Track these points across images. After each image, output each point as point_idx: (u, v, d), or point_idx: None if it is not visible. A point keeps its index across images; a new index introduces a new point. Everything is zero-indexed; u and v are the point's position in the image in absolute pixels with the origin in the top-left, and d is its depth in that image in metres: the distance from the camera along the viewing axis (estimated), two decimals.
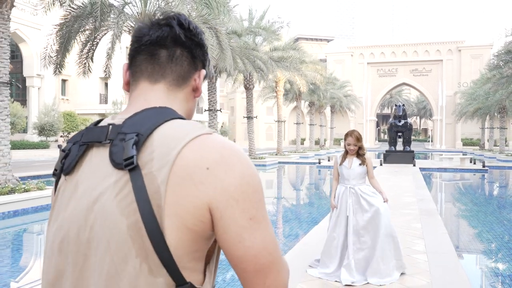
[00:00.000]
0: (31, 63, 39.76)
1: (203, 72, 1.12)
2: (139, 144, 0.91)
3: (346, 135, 5.26)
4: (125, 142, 0.92)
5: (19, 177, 12.95)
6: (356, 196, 5.06)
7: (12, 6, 11.38)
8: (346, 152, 5.25)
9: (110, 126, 0.97)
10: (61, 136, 38.97)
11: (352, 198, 5.07)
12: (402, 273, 5.12)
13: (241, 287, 3.61)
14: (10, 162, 11.43)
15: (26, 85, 40.57)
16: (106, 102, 45.54)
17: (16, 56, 43.82)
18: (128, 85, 1.08)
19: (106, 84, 46.48)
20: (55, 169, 1.03)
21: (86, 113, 44.27)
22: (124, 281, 0.88)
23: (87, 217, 0.93)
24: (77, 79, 33.43)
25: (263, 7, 29.92)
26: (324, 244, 5.26)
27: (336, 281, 4.92)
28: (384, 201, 5.10)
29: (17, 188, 10.85)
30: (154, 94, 1.04)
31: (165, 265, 0.88)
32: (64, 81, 44.93)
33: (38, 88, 40.38)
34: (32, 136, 37.72)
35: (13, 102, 32.23)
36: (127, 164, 0.89)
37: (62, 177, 1.01)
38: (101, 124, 1.00)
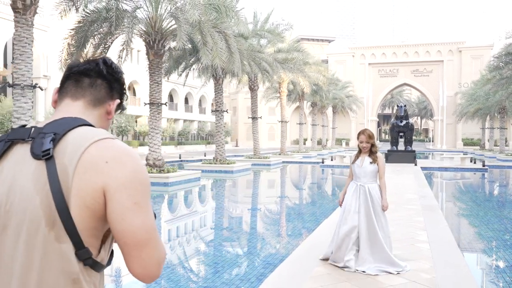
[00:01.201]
0: (38, 64, 40.24)
1: (117, 101, 1.38)
2: (55, 140, 1.16)
3: (359, 134, 5.48)
4: (44, 139, 1.16)
5: None
6: (365, 195, 5.27)
7: (35, 13, 11.95)
8: (359, 151, 5.49)
9: (33, 128, 1.22)
10: None
11: (362, 196, 5.29)
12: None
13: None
14: None
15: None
16: None
17: None
18: (55, 103, 1.35)
19: None
20: None
21: None
22: (36, 246, 1.12)
23: (8, 195, 1.16)
24: None
25: (265, 8, 30.54)
26: (333, 236, 5.55)
27: (345, 266, 5.23)
28: (383, 209, 5.34)
29: None
30: (74, 108, 1.30)
31: (69, 234, 1.12)
32: None
33: (45, 89, 40.95)
34: None
35: None
36: (44, 155, 1.14)
37: None
38: (26, 126, 1.25)
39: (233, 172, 22.65)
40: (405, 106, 27.71)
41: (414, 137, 52.67)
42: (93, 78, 1.32)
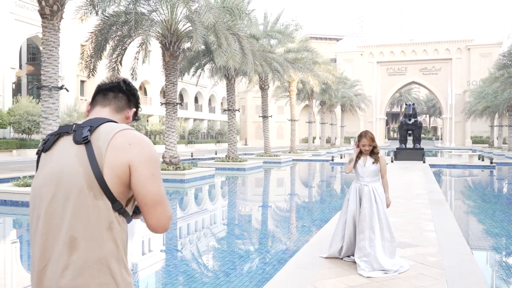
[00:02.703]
0: None
1: (134, 110, 1.90)
2: (91, 131, 1.65)
3: (360, 137, 5.47)
4: (83, 130, 1.65)
5: None
6: (369, 194, 5.32)
7: (62, 18, 12.60)
8: (361, 151, 5.50)
9: (74, 124, 1.70)
10: None
11: (366, 195, 5.33)
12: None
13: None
14: None
15: None
16: None
17: (35, 58, 45.32)
18: (88, 112, 1.84)
19: None
20: (38, 150, 1.76)
21: None
22: (81, 203, 1.59)
23: (58, 171, 1.63)
24: (95, 80, 34.71)
25: (274, 7, 31.09)
26: (333, 236, 5.67)
27: (347, 257, 5.48)
28: (386, 206, 5.45)
29: None
30: (103, 113, 1.80)
31: (105, 193, 1.59)
32: (82, 82, 46.32)
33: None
34: None
35: (38, 103, 33.56)
36: (84, 140, 1.62)
37: (42, 154, 1.72)
38: (69, 124, 1.75)
39: (245, 170, 23.25)
40: (413, 104, 28.14)
41: (422, 135, 52.99)
42: (116, 92, 1.84)
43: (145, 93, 52.28)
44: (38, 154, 1.76)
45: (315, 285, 4.69)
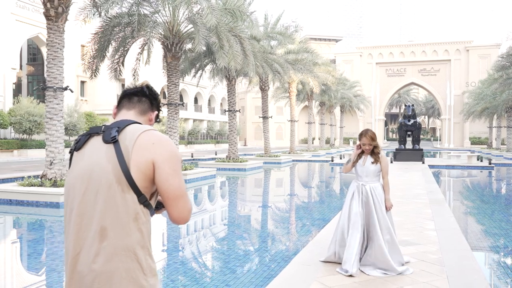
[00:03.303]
0: None
1: (155, 113, 2.05)
2: (118, 131, 1.80)
3: (361, 135, 5.34)
4: (111, 130, 1.81)
5: None
6: (367, 194, 5.21)
7: (66, 20, 12.75)
8: (362, 151, 5.38)
9: (103, 126, 1.87)
10: None
11: (363, 195, 5.23)
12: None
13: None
14: (64, 158, 12.83)
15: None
16: None
17: (36, 59, 45.45)
18: (115, 115, 2.00)
19: (123, 86, 47.97)
20: (71, 149, 1.94)
21: (105, 113, 45.72)
22: (110, 196, 1.75)
23: (89, 168, 1.80)
24: (95, 81, 34.78)
25: (272, 7, 31.28)
26: (332, 238, 5.52)
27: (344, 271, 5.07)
28: (386, 209, 5.26)
29: None
30: (129, 115, 1.96)
31: (131, 187, 1.75)
32: (82, 82, 46.46)
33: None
34: None
35: (38, 103, 33.68)
36: (112, 139, 1.78)
37: (75, 153, 1.90)
38: (99, 125, 1.92)
39: (246, 170, 23.41)
40: (412, 105, 28.34)
41: (421, 136, 53.23)
42: (139, 96, 2.01)
43: None
44: (71, 153, 1.93)
45: (321, 281, 4.85)
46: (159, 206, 1.95)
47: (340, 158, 30.33)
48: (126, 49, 18.77)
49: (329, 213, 10.94)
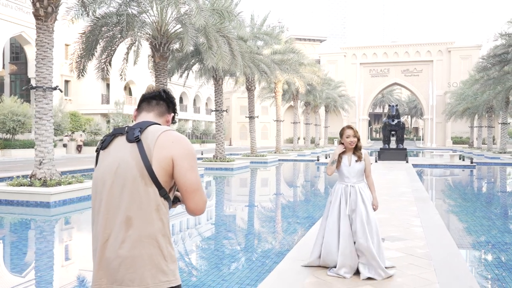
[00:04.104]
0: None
1: (172, 114, 2.24)
2: (141, 131, 1.98)
3: (343, 130, 5.13)
4: (134, 130, 1.99)
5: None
6: (355, 196, 4.97)
7: (56, 19, 12.75)
8: (343, 151, 5.12)
9: (126, 127, 2.05)
10: (66, 135, 40.02)
11: (352, 197, 4.97)
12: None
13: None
14: (54, 158, 12.84)
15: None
16: (108, 102, 46.69)
17: (18, 57, 44.88)
18: (135, 118, 2.18)
19: (108, 85, 47.68)
20: (97, 149, 2.12)
21: (89, 113, 45.43)
22: (135, 189, 1.93)
23: (116, 164, 1.98)
24: (79, 80, 34.33)
25: (256, 7, 31.49)
26: (315, 240, 5.28)
27: (330, 270, 5.01)
28: (373, 208, 5.08)
29: (62, 181, 12.31)
30: (148, 117, 2.13)
31: (153, 181, 1.94)
32: (67, 81, 46.05)
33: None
34: None
35: (22, 103, 33.34)
36: (136, 139, 1.97)
37: (101, 152, 2.09)
38: (122, 126, 2.11)
39: (233, 170, 23.57)
40: (396, 105, 28.81)
41: (404, 136, 54.05)
42: (157, 100, 2.19)
43: (130, 94, 52.17)
44: (97, 151, 2.12)
45: (315, 274, 5.05)
46: (175, 201, 2.13)
47: (326, 158, 30.68)
48: (113, 49, 18.75)
49: (320, 209, 11.18)
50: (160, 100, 2.20)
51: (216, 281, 5.59)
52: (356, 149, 5.08)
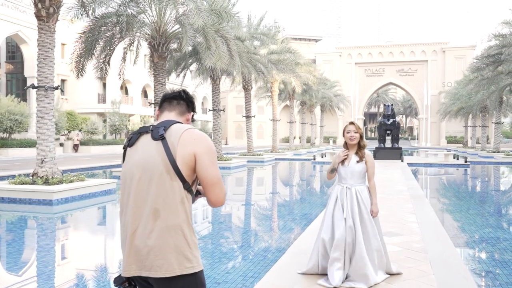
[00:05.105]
0: (32, 64, 40.62)
1: (192, 113, 2.39)
2: (165, 130, 2.15)
3: (345, 126, 4.82)
4: (159, 129, 2.16)
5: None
6: (351, 199, 4.62)
7: (57, 20, 12.92)
8: (345, 149, 4.81)
9: (151, 126, 2.21)
10: (62, 135, 40.07)
11: (348, 200, 4.62)
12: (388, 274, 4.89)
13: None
14: (55, 156, 13.01)
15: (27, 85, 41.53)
16: (104, 101, 46.74)
17: (14, 56, 44.83)
18: (158, 117, 2.35)
19: (104, 84, 47.72)
20: (124, 146, 2.29)
21: (86, 112, 45.43)
22: (161, 183, 2.10)
23: (143, 160, 2.15)
24: (76, 79, 34.29)
25: (252, 7, 31.75)
26: (313, 247, 4.98)
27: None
28: (372, 215, 4.66)
29: (63, 179, 12.48)
30: (170, 116, 2.30)
31: (178, 176, 2.10)
32: (63, 81, 46.07)
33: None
34: (35, 135, 38.74)
35: (19, 102, 33.38)
36: (160, 137, 2.13)
37: (128, 149, 2.25)
38: (147, 125, 2.26)
39: (230, 168, 23.77)
40: (392, 105, 29.10)
41: (399, 135, 54.40)
42: (178, 100, 2.36)
43: (126, 93, 52.20)
44: (124, 148, 2.30)
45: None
46: (196, 194, 2.29)
47: (322, 157, 30.96)
48: (112, 48, 18.89)
49: (320, 206, 11.43)
50: (180, 100, 2.36)
51: (220, 274, 5.81)
52: (359, 148, 4.72)
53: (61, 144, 39.35)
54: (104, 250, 7.87)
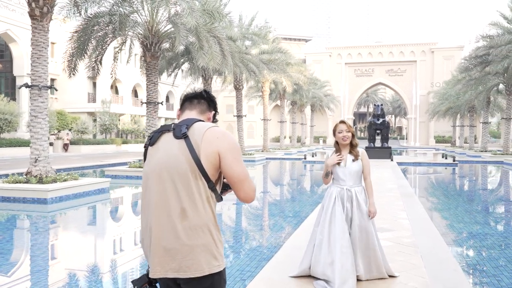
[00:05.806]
0: (21, 63, 40.41)
1: (213, 112, 2.35)
2: (187, 128, 2.10)
3: (336, 126, 4.63)
4: (181, 127, 2.11)
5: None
6: (350, 201, 4.52)
7: (51, 19, 12.95)
8: (337, 150, 4.64)
9: (172, 124, 2.17)
10: (52, 134, 39.86)
11: (347, 202, 4.51)
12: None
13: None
14: (49, 156, 13.04)
15: (16, 84, 41.26)
16: (94, 101, 46.57)
17: (3, 55, 44.47)
18: (179, 117, 2.31)
19: (94, 84, 47.54)
20: (145, 145, 2.25)
21: (76, 111, 45.24)
22: (186, 182, 2.06)
23: (165, 159, 2.10)
24: (65, 79, 33.92)
25: (243, 8, 31.91)
26: (306, 249, 4.82)
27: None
28: (369, 215, 4.54)
29: (57, 178, 12.53)
30: (192, 115, 2.26)
31: (202, 175, 2.06)
32: (52, 80, 45.81)
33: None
34: (25, 134, 38.56)
35: (9, 101, 33.17)
36: (183, 135, 2.08)
37: (149, 147, 2.20)
38: (169, 124, 2.22)
39: None
40: (381, 105, 29.44)
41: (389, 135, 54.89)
42: (199, 99, 2.33)
43: (117, 92, 52.04)
44: (145, 147, 2.28)
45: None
46: (225, 188, 2.28)
47: (312, 156, 31.22)
48: (104, 48, 18.93)
49: (314, 202, 11.62)
50: (201, 99, 2.33)
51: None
52: (352, 147, 4.59)
53: (51, 144, 39.13)
54: (99, 248, 7.97)
